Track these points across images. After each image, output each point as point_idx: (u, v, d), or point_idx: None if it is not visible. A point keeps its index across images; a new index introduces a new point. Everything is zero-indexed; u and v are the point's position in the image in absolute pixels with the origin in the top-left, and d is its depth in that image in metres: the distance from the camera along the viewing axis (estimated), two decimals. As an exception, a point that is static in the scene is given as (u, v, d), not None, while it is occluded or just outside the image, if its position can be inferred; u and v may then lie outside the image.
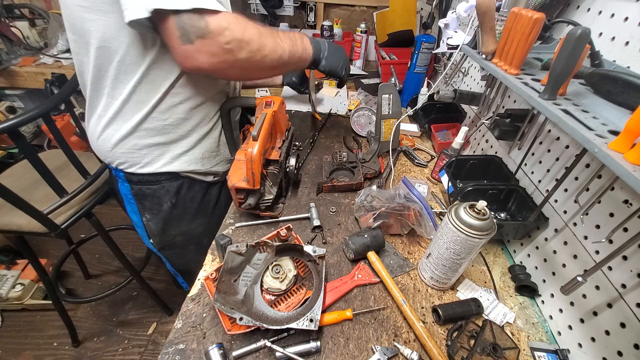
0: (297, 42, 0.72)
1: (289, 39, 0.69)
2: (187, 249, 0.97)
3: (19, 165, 1.21)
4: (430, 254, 0.66)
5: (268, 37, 0.62)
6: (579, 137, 0.41)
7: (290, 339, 0.58)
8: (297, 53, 0.71)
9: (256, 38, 0.60)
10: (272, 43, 0.63)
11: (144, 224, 0.88)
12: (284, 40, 0.67)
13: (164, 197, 0.84)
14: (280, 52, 0.66)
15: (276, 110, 0.78)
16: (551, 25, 0.67)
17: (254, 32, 0.59)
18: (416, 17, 1.62)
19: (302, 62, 0.75)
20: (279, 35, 0.66)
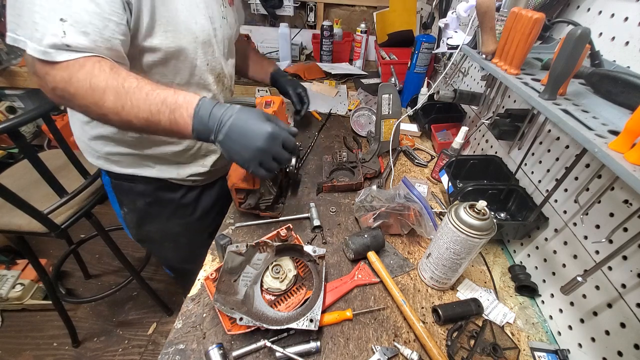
0: (163, 112, 0.53)
1: (152, 103, 0.52)
2: (163, 245, 0.99)
3: (19, 165, 1.21)
4: (430, 254, 0.66)
5: (110, 95, 0.51)
6: (579, 137, 0.41)
7: (290, 339, 0.58)
8: (160, 123, 0.54)
9: (84, 93, 0.51)
10: (114, 103, 0.51)
11: (123, 216, 0.90)
12: (137, 102, 0.52)
13: (140, 195, 0.85)
14: (127, 117, 0.53)
15: (276, 110, 0.78)
16: (551, 25, 0.67)
17: (84, 85, 0.50)
18: (416, 17, 1.62)
19: (177, 135, 0.56)
20: (133, 95, 0.52)
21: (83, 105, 0.53)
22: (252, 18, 2.03)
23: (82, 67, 0.50)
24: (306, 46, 2.04)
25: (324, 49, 1.81)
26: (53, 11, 0.47)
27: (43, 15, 0.47)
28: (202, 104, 0.54)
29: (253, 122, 0.54)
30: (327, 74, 1.70)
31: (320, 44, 1.80)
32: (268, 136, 0.54)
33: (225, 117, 0.53)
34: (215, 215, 1.00)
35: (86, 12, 0.49)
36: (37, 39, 0.48)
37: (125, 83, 0.52)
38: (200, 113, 0.53)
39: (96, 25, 0.51)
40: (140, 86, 0.53)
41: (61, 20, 0.48)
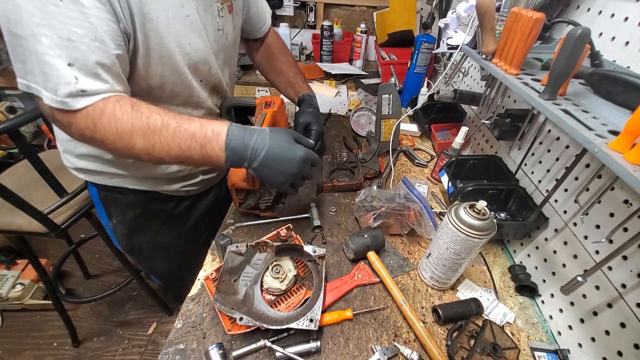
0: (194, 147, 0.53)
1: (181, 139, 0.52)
2: (154, 256, 0.97)
3: (19, 165, 1.21)
4: (430, 254, 0.66)
5: (138, 137, 0.51)
6: (579, 137, 0.41)
7: (290, 339, 0.58)
8: (192, 158, 0.54)
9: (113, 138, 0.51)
10: (144, 145, 0.51)
11: (112, 228, 0.87)
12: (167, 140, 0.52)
13: (128, 207, 0.82)
14: (158, 155, 0.53)
15: (276, 110, 0.78)
16: (551, 25, 0.67)
17: (111, 130, 0.50)
18: (416, 17, 1.62)
19: (208, 165, 0.57)
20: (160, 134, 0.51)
21: (114, 149, 0.53)
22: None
23: (103, 112, 0.49)
24: (306, 46, 2.04)
25: (324, 49, 1.81)
26: (59, 57, 0.45)
27: (50, 63, 0.45)
28: (232, 135, 0.53)
29: (287, 148, 0.56)
30: (327, 74, 1.70)
31: (320, 44, 1.80)
32: (301, 161, 0.57)
33: (259, 146, 0.54)
34: (208, 224, 0.98)
35: (92, 52, 0.48)
36: (51, 89, 0.46)
37: (150, 122, 0.51)
38: (232, 145, 0.53)
39: (105, 64, 0.49)
40: (165, 123, 0.52)
41: (69, 65, 0.46)
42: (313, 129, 0.86)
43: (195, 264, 0.71)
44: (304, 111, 0.89)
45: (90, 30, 0.47)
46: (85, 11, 0.46)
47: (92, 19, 0.46)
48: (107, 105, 0.50)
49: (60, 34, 0.45)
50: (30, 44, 0.44)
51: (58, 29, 0.44)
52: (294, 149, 0.57)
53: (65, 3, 0.44)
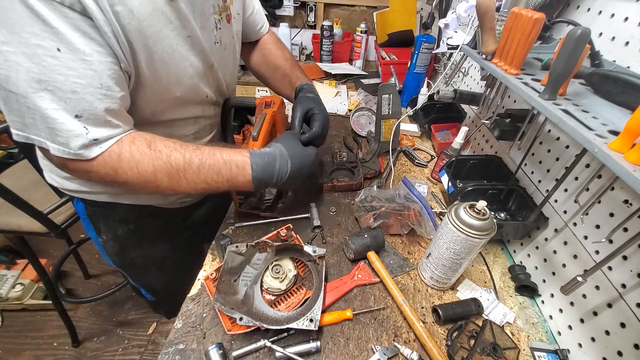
0: (221, 180, 0.55)
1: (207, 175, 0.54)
2: (148, 270, 0.92)
3: (19, 165, 1.21)
4: (430, 254, 0.66)
5: (162, 176, 0.51)
6: (579, 137, 0.41)
7: (290, 339, 0.58)
8: (218, 189, 0.57)
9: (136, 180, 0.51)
10: (169, 184, 0.52)
11: (101, 244, 0.82)
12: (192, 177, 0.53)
13: (120, 223, 0.78)
14: (184, 190, 0.54)
15: (276, 110, 0.78)
16: (551, 25, 0.67)
17: (133, 174, 0.50)
18: (416, 17, 1.62)
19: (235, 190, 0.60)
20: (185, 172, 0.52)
21: (139, 189, 0.52)
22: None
23: (120, 157, 0.48)
24: (306, 46, 2.04)
25: (324, 49, 1.81)
26: (65, 111, 0.43)
27: (56, 118, 0.43)
28: (256, 167, 0.57)
29: (302, 158, 0.62)
30: (327, 74, 1.70)
31: (320, 44, 1.80)
32: (314, 161, 0.65)
33: (283, 171, 0.59)
34: (205, 233, 0.94)
35: (100, 101, 0.45)
36: (61, 143, 0.45)
37: (172, 160, 0.51)
38: (258, 177, 0.57)
39: (113, 110, 0.47)
40: (188, 160, 0.52)
41: (77, 117, 0.44)
42: (316, 112, 0.75)
43: (191, 275, 0.68)
44: (303, 97, 0.79)
45: (95, 78, 0.44)
46: (87, 59, 0.43)
47: (95, 66, 0.44)
48: (122, 149, 0.49)
49: (62, 87, 0.42)
50: (29, 101, 0.42)
51: (60, 82, 0.42)
52: (308, 154, 0.63)
53: (64, 54, 0.41)
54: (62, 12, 0.39)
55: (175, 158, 0.52)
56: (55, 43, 0.40)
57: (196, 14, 0.57)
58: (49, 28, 0.39)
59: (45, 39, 0.40)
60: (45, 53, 0.40)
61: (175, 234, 0.89)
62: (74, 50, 0.42)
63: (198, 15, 0.58)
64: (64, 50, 0.41)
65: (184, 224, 0.89)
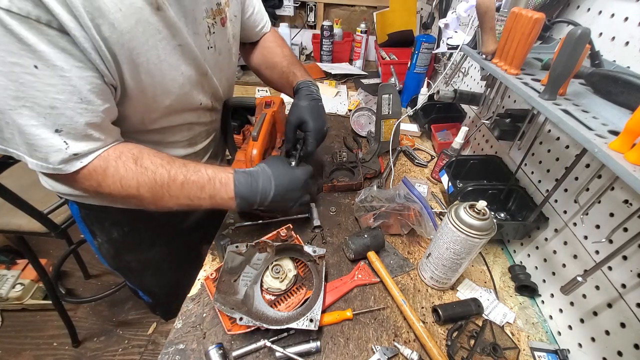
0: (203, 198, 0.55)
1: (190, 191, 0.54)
2: (144, 273, 0.92)
3: (19, 165, 1.21)
4: (430, 254, 0.66)
5: (145, 191, 0.51)
6: (579, 137, 0.41)
7: (290, 339, 0.58)
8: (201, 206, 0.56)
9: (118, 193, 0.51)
10: (152, 198, 0.53)
11: (97, 246, 0.81)
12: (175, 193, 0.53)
13: (115, 226, 0.77)
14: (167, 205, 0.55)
15: (276, 110, 0.78)
16: (551, 25, 0.67)
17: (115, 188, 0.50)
18: (416, 17, 1.62)
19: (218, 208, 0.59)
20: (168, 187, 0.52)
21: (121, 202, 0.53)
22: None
23: (105, 172, 0.48)
24: (306, 46, 2.04)
25: (324, 49, 1.81)
26: (45, 127, 0.42)
27: (35, 134, 0.42)
28: (239, 184, 0.56)
29: (289, 179, 0.61)
30: (327, 74, 1.70)
31: (320, 44, 1.81)
32: (304, 184, 0.63)
33: (266, 189, 0.58)
34: (202, 235, 0.93)
35: (80, 115, 0.44)
36: (40, 158, 0.44)
37: (157, 177, 0.51)
38: (241, 193, 0.56)
39: (94, 123, 0.46)
40: (172, 177, 0.52)
41: (57, 131, 0.43)
42: (308, 126, 0.71)
43: (188, 277, 0.68)
44: (296, 105, 0.74)
45: (74, 94, 0.43)
46: (65, 75, 0.42)
47: (74, 81, 0.43)
48: (109, 164, 0.49)
49: (41, 102, 0.41)
50: (7, 117, 0.41)
51: (39, 98, 0.41)
52: (296, 176, 0.62)
53: (42, 70, 0.40)
54: (39, 29, 0.39)
55: (160, 174, 0.52)
56: (32, 60, 0.39)
57: (188, 21, 0.56)
58: (26, 46, 0.38)
59: (22, 57, 0.39)
60: (22, 70, 0.39)
61: (171, 237, 0.88)
62: (51, 67, 0.41)
63: (190, 22, 0.57)
64: (41, 67, 0.40)
65: (180, 227, 0.88)
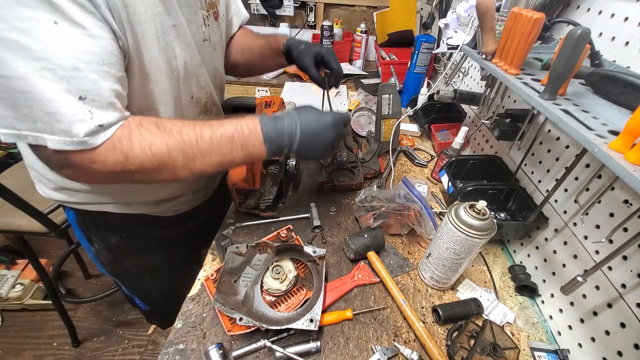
0: (235, 149, 0.51)
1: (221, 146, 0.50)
2: (142, 279, 0.90)
3: (19, 165, 1.21)
4: (430, 254, 0.66)
5: (177, 154, 0.47)
6: (579, 137, 0.41)
7: (290, 339, 0.58)
8: (234, 162, 0.53)
9: (150, 163, 0.46)
10: (184, 161, 0.48)
11: (94, 253, 0.79)
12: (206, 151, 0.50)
13: (112, 231, 0.75)
14: (200, 168, 0.50)
15: (276, 110, 0.78)
16: (551, 25, 0.67)
17: (146, 157, 0.45)
18: (416, 17, 1.62)
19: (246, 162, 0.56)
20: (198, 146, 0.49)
21: (150, 176, 0.48)
22: (252, 18, 2.03)
23: (131, 140, 0.44)
24: (307, 46, 2.03)
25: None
26: (68, 92, 0.39)
27: (57, 100, 0.38)
28: (266, 127, 0.53)
29: (316, 118, 0.56)
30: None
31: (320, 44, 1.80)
32: (333, 125, 0.57)
33: (292, 129, 0.54)
34: (201, 241, 0.90)
35: (104, 79, 0.42)
36: (62, 131, 0.40)
37: (184, 137, 0.48)
38: (270, 136, 0.53)
39: (117, 90, 0.44)
40: (199, 134, 0.49)
41: (81, 99, 0.40)
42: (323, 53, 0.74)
43: (186, 284, 0.67)
44: (301, 52, 0.74)
45: (96, 55, 0.40)
46: (87, 32, 0.39)
47: (96, 42, 0.40)
48: (132, 132, 0.45)
49: (64, 64, 0.38)
50: (23, 84, 0.37)
51: (60, 59, 0.38)
52: (323, 117, 0.57)
53: (62, 27, 0.37)
54: None
55: (187, 133, 0.48)
56: (51, 15, 0.36)
57: (182, 4, 0.55)
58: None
59: (41, 11, 0.36)
60: (41, 26, 0.36)
61: (170, 243, 0.86)
62: (72, 24, 0.38)
63: (184, 6, 0.56)
64: (61, 23, 0.37)
65: (178, 233, 0.86)
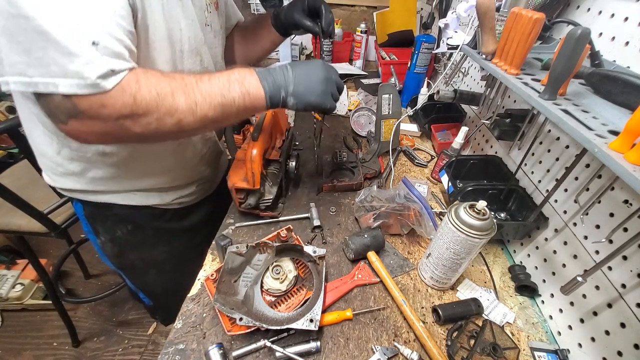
0: (233, 87, 0.52)
1: (219, 85, 0.51)
2: (147, 272, 0.91)
3: (19, 165, 1.21)
4: (430, 254, 0.66)
5: (179, 95, 0.48)
6: (579, 137, 0.41)
7: (290, 339, 0.58)
8: (234, 103, 0.52)
9: (155, 104, 0.46)
10: (186, 102, 0.49)
11: (100, 245, 0.81)
12: (207, 92, 0.50)
13: (118, 224, 0.77)
14: (203, 110, 0.50)
15: (276, 110, 0.78)
16: (551, 25, 0.67)
17: (152, 97, 0.46)
18: (416, 17, 1.62)
19: (249, 111, 0.56)
20: (198, 87, 0.50)
21: (154, 121, 0.47)
22: (252, 18, 2.03)
23: (138, 82, 0.45)
24: (306, 46, 2.04)
25: (324, 49, 1.81)
26: (83, 35, 0.40)
27: (72, 40, 0.39)
28: (258, 70, 0.55)
29: (306, 62, 0.59)
30: (327, 74, 1.70)
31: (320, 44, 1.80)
32: (324, 66, 0.60)
33: (285, 69, 0.56)
34: (204, 236, 0.90)
35: (114, 28, 0.43)
36: (75, 73, 0.40)
37: (185, 80, 0.49)
38: (264, 74, 0.55)
39: (126, 44, 0.45)
40: (198, 77, 0.51)
41: (94, 44, 0.41)
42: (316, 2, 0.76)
43: (190, 278, 0.68)
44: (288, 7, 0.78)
45: (110, 5, 0.42)
46: None
47: None
48: (139, 76, 0.46)
49: (79, 9, 0.40)
50: (39, 23, 0.38)
51: (76, 3, 0.40)
52: (312, 61, 0.60)
53: None
54: None
55: (187, 77, 0.50)
56: None
57: None
58: None
59: None
60: None
61: (174, 236, 0.88)
62: None
63: None
64: None
65: (182, 227, 0.88)
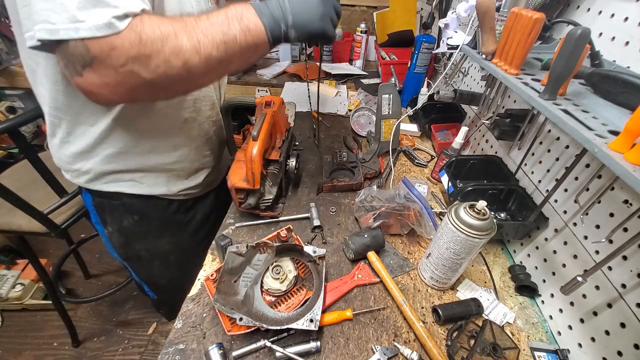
0: (232, 24, 0.51)
1: (218, 23, 0.50)
2: (152, 263, 0.93)
3: (19, 165, 1.21)
4: (430, 254, 0.66)
5: (182, 35, 0.48)
6: (579, 137, 0.41)
7: (290, 339, 0.58)
8: (236, 40, 0.51)
9: (160, 44, 0.47)
10: (190, 42, 0.48)
11: (107, 236, 0.84)
12: (207, 30, 0.50)
13: (125, 214, 0.80)
14: (207, 49, 0.49)
15: (276, 110, 0.78)
16: (551, 25, 0.67)
17: (156, 35, 0.47)
18: (416, 17, 1.62)
19: (251, 49, 0.54)
20: (198, 26, 0.49)
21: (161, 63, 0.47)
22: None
23: (142, 22, 0.46)
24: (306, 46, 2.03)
25: (324, 49, 1.81)
26: None
27: None
28: (254, 3, 0.54)
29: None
30: (327, 74, 1.70)
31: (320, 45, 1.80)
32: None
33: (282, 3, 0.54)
34: (209, 229, 0.95)
35: None
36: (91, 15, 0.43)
37: (185, 20, 0.50)
38: (260, 8, 0.53)
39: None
40: (197, 17, 0.51)
41: None
42: None
43: (194, 272, 0.69)
44: None
45: None
46: None
47: None
48: (143, 17, 0.47)
49: None
50: None
51: None
52: None
53: None
54: None
55: (186, 18, 0.50)
56: None
57: None
58: None
59: None
60: None
61: (180, 228, 0.89)
62: None
63: None
64: None
65: (187, 219, 0.90)
